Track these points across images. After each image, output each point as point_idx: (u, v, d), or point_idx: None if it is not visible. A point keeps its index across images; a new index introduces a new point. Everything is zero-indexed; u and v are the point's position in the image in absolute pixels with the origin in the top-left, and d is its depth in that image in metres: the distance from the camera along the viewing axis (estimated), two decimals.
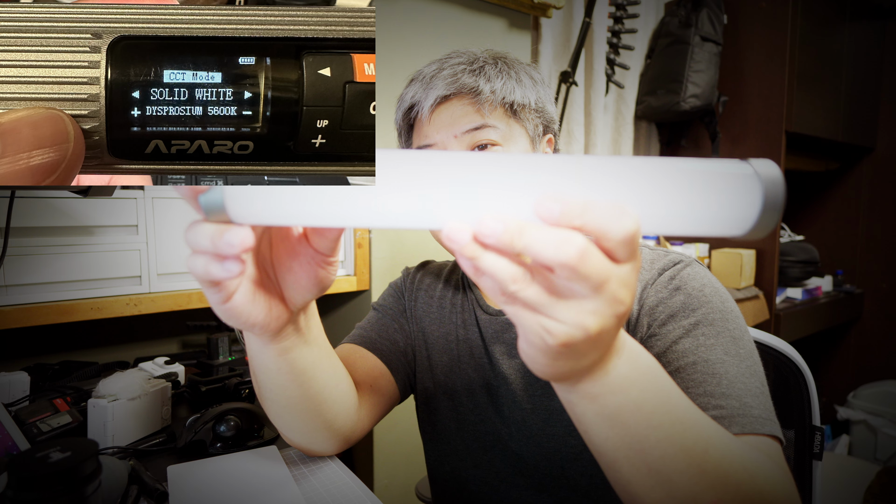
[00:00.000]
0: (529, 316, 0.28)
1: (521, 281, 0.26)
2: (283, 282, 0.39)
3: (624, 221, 0.25)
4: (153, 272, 0.94)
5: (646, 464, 0.34)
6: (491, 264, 0.26)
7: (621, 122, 1.83)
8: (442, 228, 0.27)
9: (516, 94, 0.59)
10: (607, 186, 0.27)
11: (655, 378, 0.34)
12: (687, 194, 0.27)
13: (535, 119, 0.62)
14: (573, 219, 0.25)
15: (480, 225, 0.25)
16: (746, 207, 0.28)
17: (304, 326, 0.45)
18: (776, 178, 0.28)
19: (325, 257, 0.37)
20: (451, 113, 0.59)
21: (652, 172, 0.28)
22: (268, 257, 0.39)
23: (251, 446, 0.63)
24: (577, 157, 0.27)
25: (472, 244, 0.26)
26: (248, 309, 0.37)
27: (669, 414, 0.34)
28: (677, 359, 0.49)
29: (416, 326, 0.72)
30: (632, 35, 1.69)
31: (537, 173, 0.27)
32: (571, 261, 0.24)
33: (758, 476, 0.36)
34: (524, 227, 0.25)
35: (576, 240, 0.25)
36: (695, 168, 0.28)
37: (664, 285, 0.54)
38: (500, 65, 0.61)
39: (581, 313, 0.27)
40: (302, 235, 0.38)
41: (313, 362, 0.48)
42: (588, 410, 0.33)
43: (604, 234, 0.25)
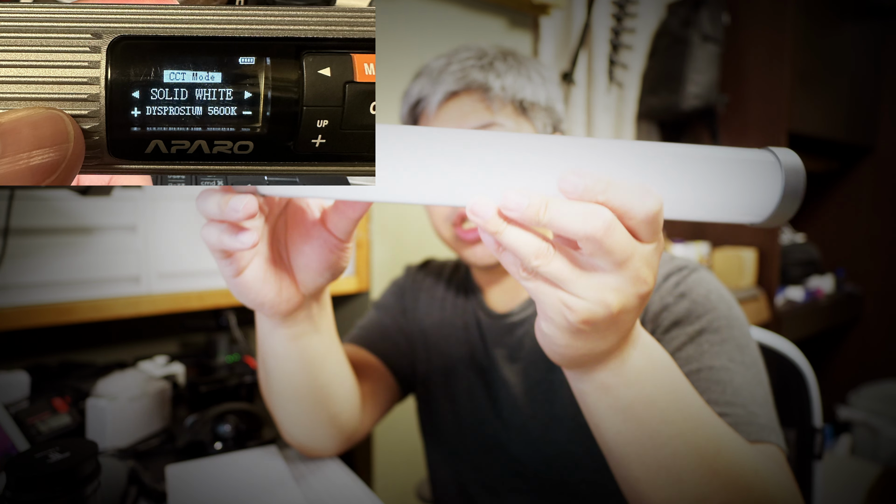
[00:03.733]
0: (551, 291, 0.27)
1: (545, 255, 0.26)
2: (296, 264, 0.40)
3: (648, 200, 0.25)
4: (153, 272, 0.94)
5: (657, 461, 0.33)
6: (514, 239, 0.26)
7: (622, 122, 1.83)
8: (465, 205, 0.27)
9: (526, 91, 0.58)
10: (627, 169, 0.27)
11: (669, 373, 0.34)
12: (707, 179, 0.27)
13: (544, 118, 0.60)
14: (597, 194, 0.25)
15: (505, 199, 0.25)
16: (766, 194, 0.28)
17: (316, 315, 0.45)
18: (797, 166, 0.28)
19: (339, 242, 0.38)
20: (459, 109, 0.58)
21: (673, 157, 0.28)
22: (283, 239, 0.40)
23: (251, 446, 0.63)
24: (598, 140, 0.27)
25: (496, 218, 0.26)
26: (259, 286, 0.37)
27: (682, 411, 0.33)
28: (682, 366, 0.48)
29: (416, 327, 0.72)
30: (632, 35, 1.69)
31: (559, 154, 0.27)
32: (597, 233, 0.24)
33: (768, 481, 0.36)
34: (549, 200, 0.25)
35: (602, 213, 0.25)
36: (716, 154, 0.28)
37: (669, 291, 0.53)
38: (510, 60, 0.59)
39: (603, 289, 0.26)
40: (317, 220, 0.38)
41: (323, 352, 0.48)
42: (601, 402, 0.33)
43: (627, 212, 0.25)
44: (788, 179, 0.28)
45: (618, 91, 1.80)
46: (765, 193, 0.28)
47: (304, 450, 0.57)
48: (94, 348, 1.01)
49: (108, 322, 0.97)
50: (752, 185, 0.28)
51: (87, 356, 0.99)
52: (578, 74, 1.63)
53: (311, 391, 0.50)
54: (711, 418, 0.35)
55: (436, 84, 0.58)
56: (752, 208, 0.28)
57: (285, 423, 0.54)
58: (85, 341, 0.99)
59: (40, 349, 0.94)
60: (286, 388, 0.49)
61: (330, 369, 0.50)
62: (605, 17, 1.65)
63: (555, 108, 0.62)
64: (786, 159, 0.28)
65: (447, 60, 0.59)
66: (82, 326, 0.95)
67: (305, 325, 0.44)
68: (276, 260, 0.39)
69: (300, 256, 0.39)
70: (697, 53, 1.66)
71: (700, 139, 1.91)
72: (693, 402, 0.34)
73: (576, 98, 1.65)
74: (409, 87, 0.63)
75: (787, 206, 0.28)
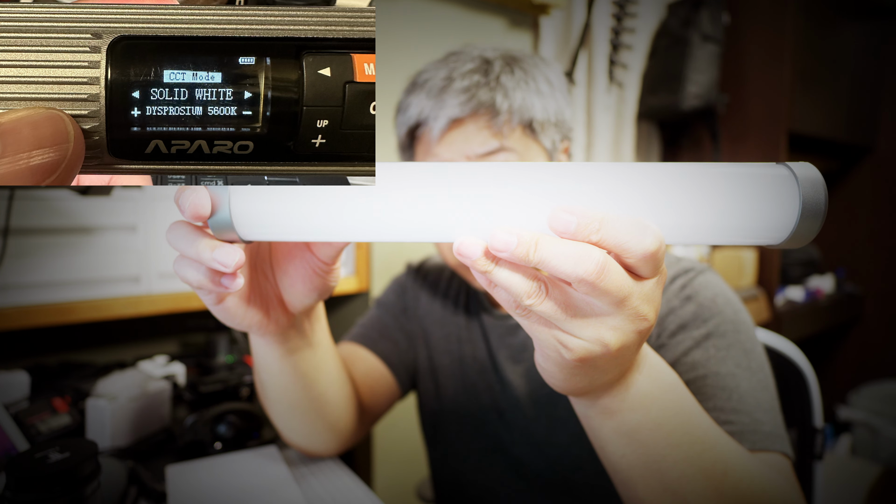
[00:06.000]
0: (545, 330, 0.26)
1: (536, 295, 0.25)
2: (282, 285, 0.39)
3: (645, 238, 0.24)
4: (153, 272, 0.94)
5: (662, 484, 0.33)
6: (504, 279, 0.25)
7: (622, 122, 1.83)
8: (452, 242, 0.26)
9: (536, 109, 0.54)
10: (632, 195, 0.25)
11: (677, 396, 0.33)
12: (716, 200, 0.25)
13: (553, 133, 0.57)
14: (590, 233, 0.24)
15: (493, 238, 0.24)
16: (783, 214, 0.25)
17: (308, 330, 0.44)
18: (816, 180, 0.25)
19: (325, 265, 0.36)
20: (464, 134, 0.53)
21: (677, 178, 0.25)
22: (267, 259, 0.38)
23: (251, 446, 0.63)
24: (600, 164, 0.26)
25: (484, 259, 0.25)
26: (243, 312, 0.36)
27: (689, 434, 0.32)
28: (687, 371, 0.47)
29: (417, 325, 0.72)
30: (632, 35, 1.69)
31: (557, 183, 0.25)
32: (590, 276, 0.23)
33: (775, 499, 0.35)
34: (540, 240, 0.24)
35: (594, 255, 0.23)
36: (725, 172, 0.25)
37: (675, 294, 0.53)
38: (517, 72, 0.54)
39: (600, 328, 0.25)
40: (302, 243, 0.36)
41: (317, 365, 0.47)
42: (605, 426, 0.32)
43: (624, 251, 0.24)
44: (806, 196, 0.25)
45: (618, 91, 1.80)
46: (781, 213, 0.25)
47: (304, 451, 0.58)
48: (94, 348, 1.01)
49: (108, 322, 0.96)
50: (766, 204, 0.25)
51: (87, 356, 0.99)
52: (578, 74, 1.63)
53: (306, 402, 0.49)
54: (719, 438, 0.34)
55: (438, 106, 0.53)
56: (767, 230, 0.26)
57: (283, 429, 0.54)
58: (85, 341, 0.99)
59: (40, 349, 0.94)
60: (281, 399, 0.49)
61: (325, 380, 0.49)
62: (605, 17, 1.65)
63: (564, 119, 0.58)
64: (803, 174, 0.25)
65: (448, 74, 0.54)
66: (82, 326, 0.95)
67: (297, 340, 0.44)
68: (261, 282, 0.38)
69: (285, 277, 0.38)
70: (697, 53, 1.66)
71: (700, 139, 1.91)
72: (700, 422, 0.34)
73: (576, 98, 1.65)
74: (404, 99, 0.58)
75: (807, 226, 0.25)
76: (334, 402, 0.52)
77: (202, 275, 0.29)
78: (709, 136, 1.83)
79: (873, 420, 1.97)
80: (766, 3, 1.71)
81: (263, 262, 0.38)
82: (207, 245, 0.28)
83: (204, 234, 0.29)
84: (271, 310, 0.39)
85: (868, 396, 2.07)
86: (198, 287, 0.30)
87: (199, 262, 0.29)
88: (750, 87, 1.76)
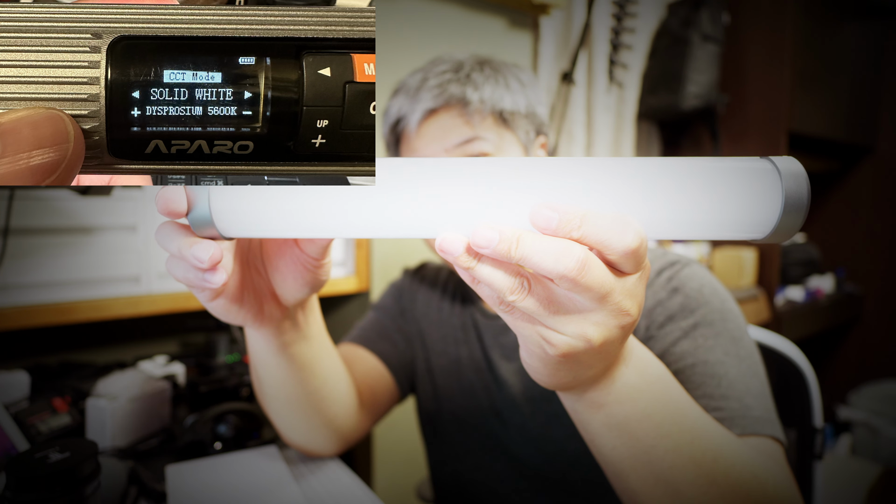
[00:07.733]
0: (528, 326, 0.27)
1: (519, 292, 0.25)
2: (273, 280, 0.39)
3: (626, 235, 0.24)
4: (153, 272, 0.94)
5: (654, 474, 0.33)
6: (486, 275, 0.25)
7: (622, 122, 1.83)
8: (435, 238, 0.26)
9: (505, 101, 0.57)
10: (615, 190, 0.25)
11: (665, 387, 0.33)
12: (698, 195, 0.25)
13: (526, 125, 0.60)
14: (571, 230, 0.24)
15: (475, 235, 0.24)
16: (766, 208, 0.25)
17: (302, 322, 0.45)
18: (799, 174, 0.25)
19: (314, 260, 0.37)
20: (440, 126, 0.57)
21: (660, 173, 0.25)
22: (258, 255, 0.39)
23: (251, 446, 0.63)
24: (583, 159, 0.26)
25: (466, 255, 0.25)
26: (237, 308, 0.37)
27: (679, 423, 0.33)
28: (676, 361, 0.48)
29: (414, 328, 0.72)
30: (632, 35, 1.69)
31: (542, 178, 0.25)
32: (571, 273, 0.23)
33: (767, 483, 0.35)
34: (521, 236, 0.24)
35: (575, 251, 0.23)
36: (706, 166, 0.26)
37: (662, 286, 0.53)
38: (486, 70, 0.58)
39: (583, 324, 0.26)
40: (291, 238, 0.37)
41: (312, 358, 0.48)
42: (594, 419, 0.33)
43: (605, 247, 0.24)
44: (789, 190, 0.25)
45: (618, 91, 1.80)
46: (764, 207, 0.25)
47: (303, 451, 0.58)
48: (94, 348, 1.01)
49: (108, 322, 0.97)
50: (748, 197, 0.25)
51: (87, 356, 0.99)
52: (578, 74, 1.63)
53: (304, 396, 0.50)
54: (708, 426, 0.35)
55: (414, 102, 0.57)
56: (749, 224, 0.26)
57: (282, 427, 0.54)
58: (85, 341, 0.99)
59: (40, 349, 0.94)
60: (279, 394, 0.49)
61: (322, 374, 0.50)
62: (605, 17, 1.66)
63: (536, 112, 0.61)
64: (785, 167, 0.25)
65: (423, 76, 0.58)
66: (82, 326, 0.95)
67: (292, 333, 0.44)
68: (253, 277, 0.38)
69: (276, 272, 0.39)
70: (697, 53, 1.66)
71: (700, 139, 1.91)
72: (689, 412, 0.34)
73: (576, 98, 1.65)
74: (388, 105, 0.62)
75: (790, 221, 0.25)
76: (332, 398, 0.52)
77: (187, 271, 0.30)
78: (709, 136, 1.83)
79: (873, 420, 1.97)
80: (766, 3, 1.71)
81: (255, 258, 0.39)
82: (186, 242, 0.29)
83: (186, 232, 0.30)
84: (265, 304, 0.39)
85: (868, 396, 2.07)
86: (185, 283, 0.31)
87: (181, 258, 0.30)
88: (750, 87, 1.76)
